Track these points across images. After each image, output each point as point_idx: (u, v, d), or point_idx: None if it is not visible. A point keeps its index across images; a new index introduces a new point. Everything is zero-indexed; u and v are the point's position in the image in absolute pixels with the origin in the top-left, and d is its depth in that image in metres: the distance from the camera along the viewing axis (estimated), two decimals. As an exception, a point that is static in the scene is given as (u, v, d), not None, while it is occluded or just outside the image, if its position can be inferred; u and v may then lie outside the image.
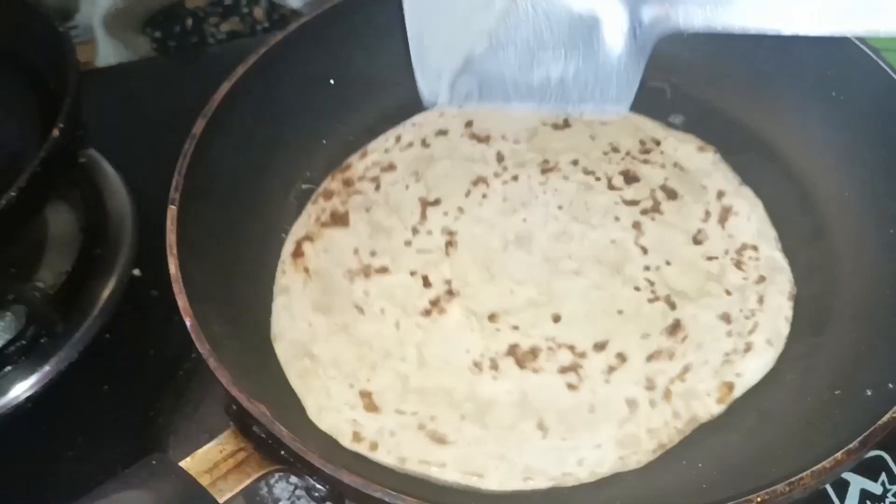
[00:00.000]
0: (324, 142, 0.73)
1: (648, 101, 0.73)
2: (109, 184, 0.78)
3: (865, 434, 0.49)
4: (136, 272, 0.73)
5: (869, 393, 0.54)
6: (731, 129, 0.71)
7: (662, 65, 0.73)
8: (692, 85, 0.73)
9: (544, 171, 0.70)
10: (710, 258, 0.65)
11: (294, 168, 0.71)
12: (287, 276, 0.66)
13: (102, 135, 0.77)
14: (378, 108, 0.75)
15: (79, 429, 0.67)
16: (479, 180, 0.70)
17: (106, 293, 0.71)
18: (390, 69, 0.74)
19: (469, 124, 0.74)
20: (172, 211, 0.58)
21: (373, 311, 0.64)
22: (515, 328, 0.62)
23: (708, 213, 0.67)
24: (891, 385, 0.53)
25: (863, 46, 0.65)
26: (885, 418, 0.49)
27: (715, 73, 0.73)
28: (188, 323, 0.53)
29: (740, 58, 0.71)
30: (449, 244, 0.66)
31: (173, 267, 0.55)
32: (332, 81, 0.74)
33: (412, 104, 0.75)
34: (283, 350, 0.62)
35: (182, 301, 0.54)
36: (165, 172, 0.60)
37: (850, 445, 0.48)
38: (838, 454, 0.48)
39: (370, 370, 0.61)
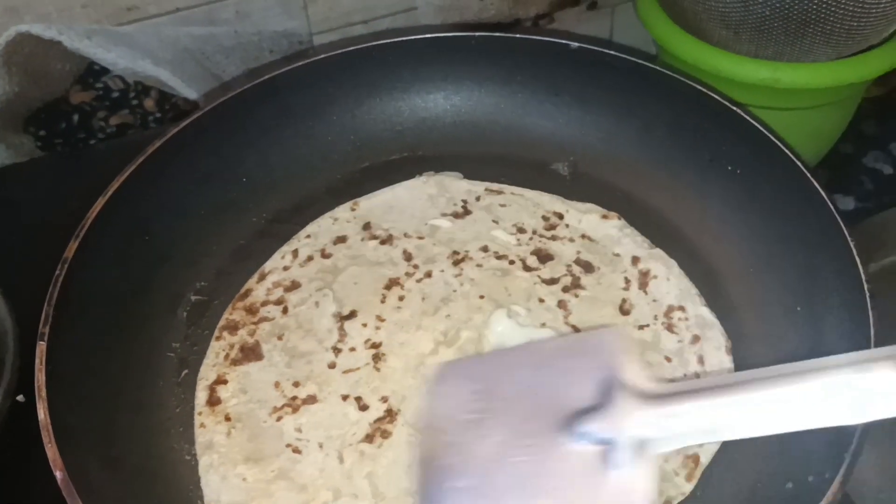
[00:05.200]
0: (213, 248, 0.65)
1: (548, 184, 0.70)
2: (-12, 301, 0.72)
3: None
4: (21, 398, 0.66)
5: (790, 486, 0.50)
6: (632, 210, 0.67)
7: (561, 147, 0.71)
8: (591, 166, 0.70)
9: (456, 263, 0.64)
10: (641, 327, 0.61)
11: (181, 280, 0.63)
12: (207, 430, 0.56)
13: (-19, 245, 0.68)
14: (269, 208, 0.68)
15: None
16: (392, 283, 0.63)
17: (-15, 422, 0.64)
18: (281, 168, 0.69)
19: (367, 226, 0.67)
20: (41, 348, 0.51)
21: (310, 449, 0.55)
22: (466, 440, 0.55)
23: (628, 281, 0.63)
24: (811, 478, 0.49)
25: (752, 120, 0.63)
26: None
27: (612, 154, 0.70)
28: (58, 476, 0.46)
29: (636, 137, 0.69)
30: (376, 358, 0.59)
31: (42, 412, 0.48)
32: (218, 185, 0.67)
33: (305, 204, 0.69)
34: None
35: (52, 451, 0.47)
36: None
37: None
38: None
39: None
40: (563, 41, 0.70)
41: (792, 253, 0.61)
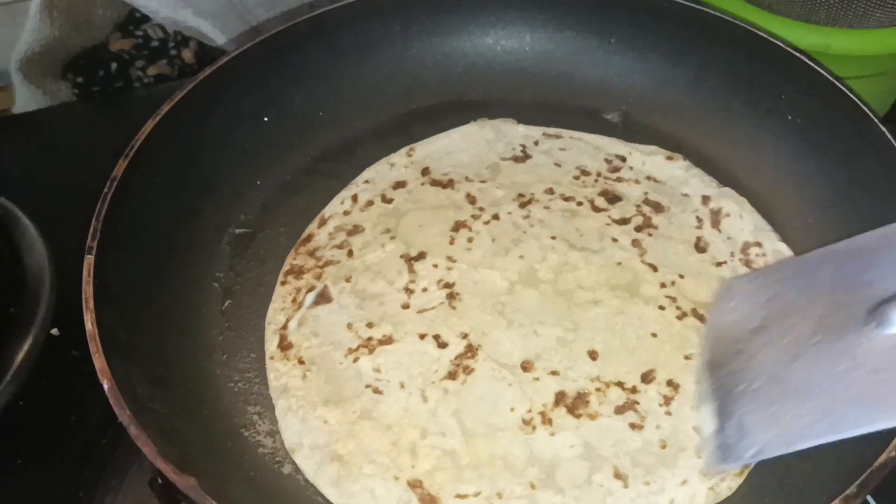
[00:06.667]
0: (258, 182, 0.63)
1: (600, 132, 0.67)
2: (26, 237, 0.70)
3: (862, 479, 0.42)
4: (55, 331, 0.60)
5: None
6: (686, 158, 0.65)
7: (613, 94, 0.67)
8: (642, 114, 0.67)
9: (523, 205, 0.61)
10: (718, 264, 0.58)
11: (227, 211, 0.61)
12: (282, 375, 0.53)
13: (19, 185, 0.68)
14: (316, 146, 0.66)
15: (-10, 510, 0.55)
16: (459, 225, 0.60)
17: (21, 356, 0.61)
18: (329, 106, 0.67)
19: (426, 171, 0.64)
20: (89, 261, 0.49)
21: (391, 388, 0.52)
22: (554, 373, 0.52)
23: (700, 220, 0.60)
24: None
25: (817, 67, 0.60)
26: (880, 459, 0.42)
27: (665, 102, 0.67)
28: (105, 386, 0.45)
29: (689, 85, 0.66)
30: (451, 297, 0.56)
31: (89, 323, 0.47)
32: (265, 119, 0.65)
33: (351, 144, 0.66)
34: (304, 460, 0.49)
35: (99, 362, 0.45)
36: (86, 224, 0.53)
37: (848, 491, 0.41)
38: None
39: (411, 455, 0.49)
40: (619, -15, 0.64)
41: (856, 201, 0.57)
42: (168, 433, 0.46)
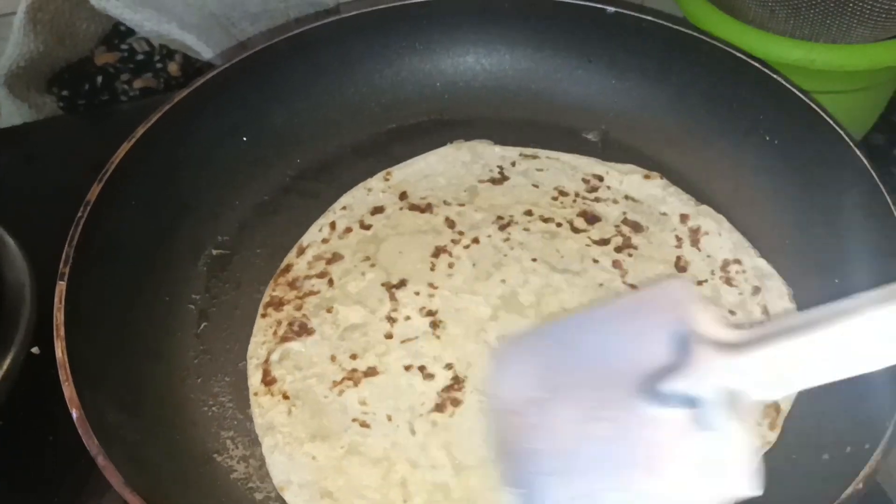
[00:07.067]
0: (236, 202, 0.62)
1: (579, 151, 0.66)
2: (7, 254, 0.69)
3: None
4: (35, 350, 0.58)
5: (826, 457, 0.47)
6: (664, 176, 0.64)
7: (593, 113, 0.67)
8: (622, 134, 0.66)
9: (502, 227, 0.60)
10: (699, 282, 0.57)
11: (204, 232, 0.60)
12: (266, 411, 0.52)
13: (2, 200, 0.68)
14: (295, 165, 0.65)
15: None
16: (439, 251, 0.59)
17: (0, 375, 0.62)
18: (309, 124, 0.66)
19: (403, 196, 0.63)
20: (61, 287, 0.49)
21: (379, 421, 0.51)
22: (541, 402, 0.48)
23: (679, 239, 0.60)
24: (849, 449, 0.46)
25: (794, 89, 0.59)
26: (847, 491, 0.42)
27: (645, 122, 0.66)
28: (74, 415, 0.44)
29: (670, 105, 0.65)
30: (434, 325, 0.55)
31: (59, 351, 0.46)
32: (244, 138, 0.63)
33: (331, 163, 0.65)
34: (294, 497, 0.48)
35: (69, 390, 0.44)
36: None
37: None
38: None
39: (401, 488, 0.48)
40: (600, 5, 0.65)
41: (833, 223, 0.57)
42: (139, 461, 0.45)
